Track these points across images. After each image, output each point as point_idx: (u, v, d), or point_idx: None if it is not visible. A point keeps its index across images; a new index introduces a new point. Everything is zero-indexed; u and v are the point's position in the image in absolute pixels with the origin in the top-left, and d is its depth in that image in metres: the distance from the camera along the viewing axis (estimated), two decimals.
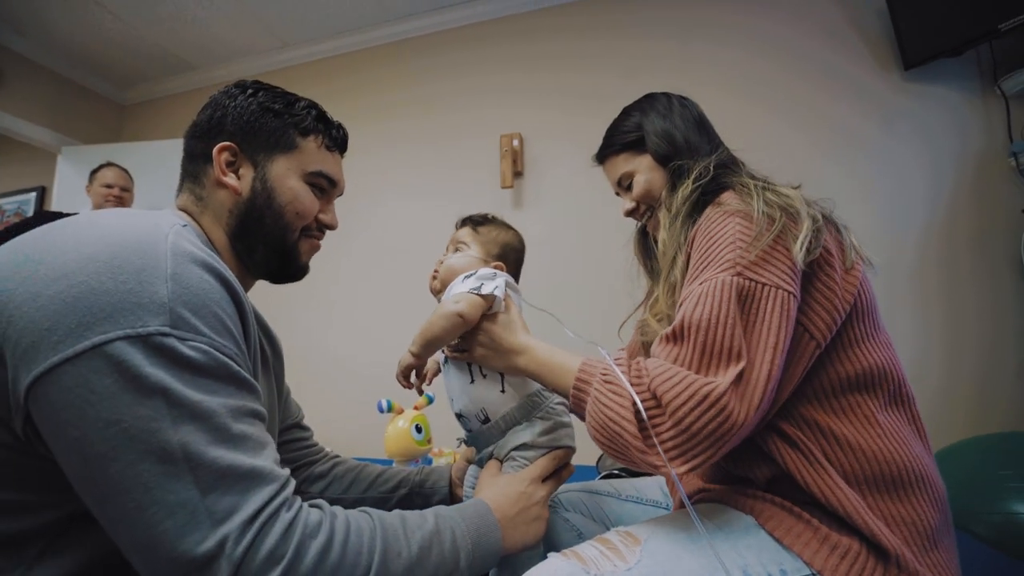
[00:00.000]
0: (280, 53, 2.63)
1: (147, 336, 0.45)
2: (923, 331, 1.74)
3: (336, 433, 2.29)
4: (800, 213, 0.65)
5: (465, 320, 0.75)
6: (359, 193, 2.43)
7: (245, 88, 0.71)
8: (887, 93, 1.84)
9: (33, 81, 2.56)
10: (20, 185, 3.10)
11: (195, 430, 0.45)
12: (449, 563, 0.58)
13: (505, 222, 0.96)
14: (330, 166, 0.74)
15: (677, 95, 0.94)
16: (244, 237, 0.69)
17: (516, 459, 0.77)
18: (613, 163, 0.93)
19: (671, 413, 0.55)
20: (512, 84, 2.27)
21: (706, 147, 0.85)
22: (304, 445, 0.95)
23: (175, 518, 0.42)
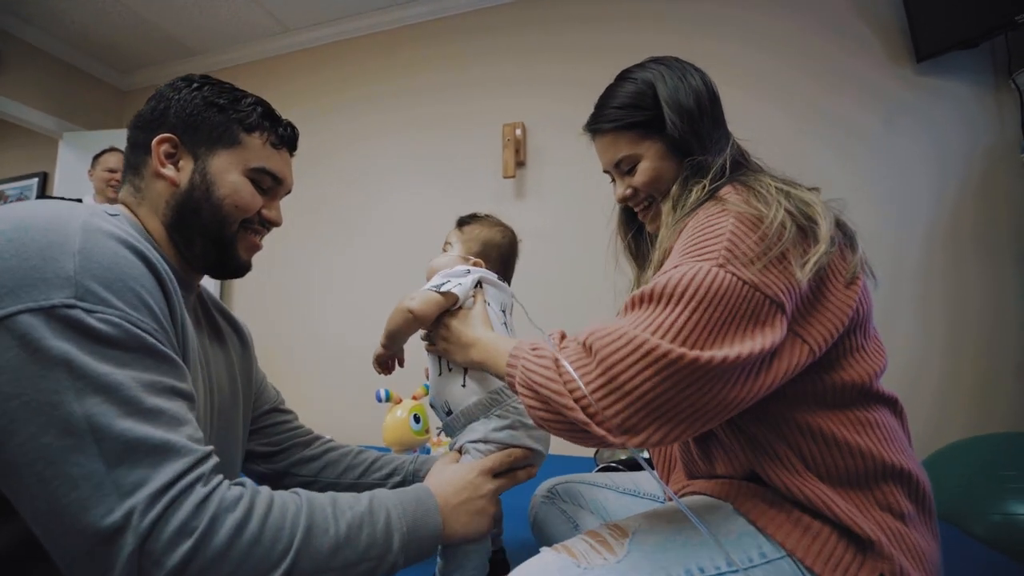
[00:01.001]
0: (282, 38, 2.60)
1: (51, 308, 0.44)
2: (926, 330, 1.72)
3: (334, 422, 2.30)
4: (820, 231, 0.60)
5: (416, 316, 0.78)
6: (361, 181, 2.43)
7: (191, 82, 0.71)
8: (897, 86, 1.80)
9: (35, 66, 2.55)
10: (22, 171, 3.10)
11: (102, 402, 0.44)
12: (381, 544, 0.57)
13: (494, 220, 0.97)
14: (275, 163, 0.73)
15: (691, 65, 0.81)
16: (181, 228, 0.68)
17: (471, 451, 0.79)
18: (614, 141, 0.81)
19: (600, 360, 0.52)
20: (515, 73, 2.25)
21: (721, 138, 0.77)
22: (288, 428, 0.96)
23: (79, 490, 0.42)
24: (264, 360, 0.85)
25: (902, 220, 1.76)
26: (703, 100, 0.77)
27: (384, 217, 2.37)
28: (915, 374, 1.67)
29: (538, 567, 0.57)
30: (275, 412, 0.96)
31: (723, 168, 0.72)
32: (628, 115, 0.78)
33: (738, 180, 0.69)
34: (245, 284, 2.60)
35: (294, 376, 2.44)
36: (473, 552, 0.74)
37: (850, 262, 0.63)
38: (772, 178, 0.70)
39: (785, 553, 0.57)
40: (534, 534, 0.99)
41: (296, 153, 0.80)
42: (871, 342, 0.66)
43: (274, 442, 0.93)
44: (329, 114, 2.52)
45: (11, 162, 3.17)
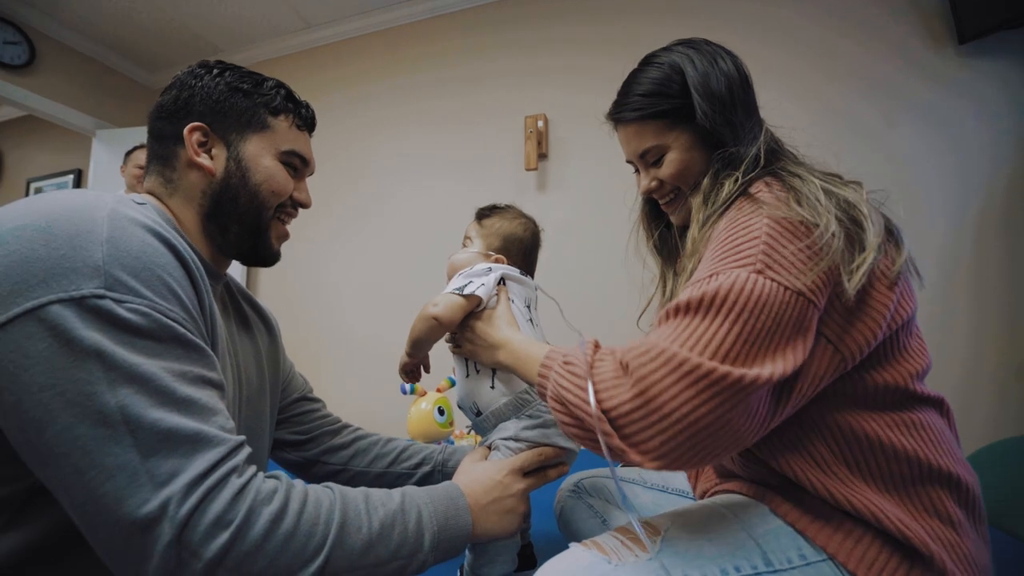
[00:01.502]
0: (305, 34, 2.62)
1: (81, 299, 0.44)
2: (978, 323, 1.64)
3: (359, 413, 2.32)
4: (867, 236, 0.55)
5: (441, 322, 0.76)
6: (383, 172, 2.44)
7: (210, 68, 0.70)
8: (938, 71, 1.72)
9: (69, 66, 2.62)
10: (58, 168, 3.20)
11: (134, 392, 0.44)
12: (412, 542, 0.57)
13: (515, 211, 0.94)
14: (302, 145, 0.74)
15: (722, 47, 0.76)
16: (218, 217, 0.68)
17: (501, 448, 0.78)
18: (638, 131, 0.76)
19: (636, 380, 0.48)
20: (537, 65, 2.22)
21: (754, 127, 0.72)
22: (316, 416, 0.96)
23: (115, 481, 0.42)
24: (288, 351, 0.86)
25: (948, 209, 1.69)
26: (735, 86, 0.72)
27: (406, 209, 2.38)
28: (968, 369, 1.60)
29: (568, 563, 0.55)
30: (304, 400, 0.96)
31: (756, 159, 0.67)
32: (654, 103, 0.73)
33: (774, 174, 0.65)
34: (270, 276, 2.65)
35: (318, 368, 2.47)
36: (502, 547, 0.74)
37: (895, 263, 0.58)
38: (812, 172, 0.64)
39: (827, 556, 0.54)
40: (560, 529, 0.98)
41: (319, 145, 0.81)
42: (914, 341, 0.62)
43: (303, 430, 0.93)
44: (351, 107, 2.54)
45: (47, 159, 3.28)
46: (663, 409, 0.47)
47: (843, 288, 0.53)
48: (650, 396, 0.47)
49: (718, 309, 0.50)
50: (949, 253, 1.68)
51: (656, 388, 0.47)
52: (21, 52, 2.40)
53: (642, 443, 0.48)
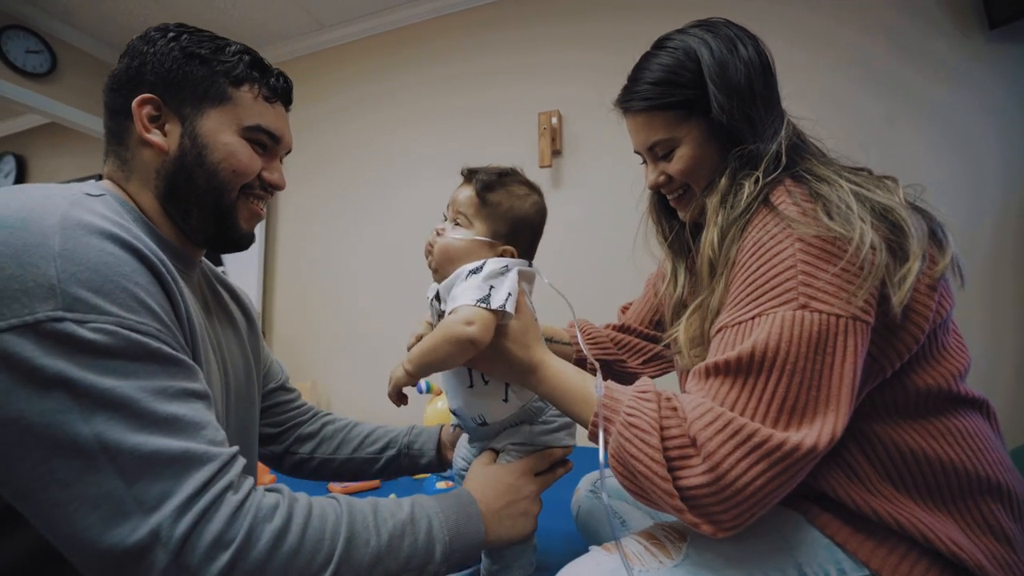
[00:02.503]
0: (319, 35, 2.63)
1: (36, 324, 0.40)
2: (996, 326, 1.58)
3: (374, 411, 2.33)
4: (910, 245, 0.51)
5: (477, 346, 0.63)
6: (397, 170, 2.44)
7: (166, 31, 0.63)
8: (966, 57, 1.66)
9: (88, 73, 2.66)
10: (79, 174, 3.26)
11: (109, 419, 0.41)
12: (423, 554, 0.54)
13: (522, 182, 0.78)
14: (270, 119, 0.65)
15: (743, 30, 0.69)
16: (175, 200, 0.61)
17: (510, 451, 0.74)
18: (647, 122, 0.70)
19: (706, 456, 0.46)
20: (550, 61, 2.20)
21: (775, 122, 0.66)
22: (291, 407, 0.94)
23: (99, 511, 0.40)
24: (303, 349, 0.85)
25: (974, 203, 1.62)
26: (755, 75, 0.66)
27: (420, 206, 2.37)
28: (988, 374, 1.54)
29: (590, 567, 0.54)
30: (281, 391, 0.93)
31: (778, 157, 0.62)
32: (665, 93, 0.68)
33: (797, 177, 0.59)
34: (285, 272, 2.67)
35: (332, 364, 2.48)
36: (519, 551, 0.72)
37: (938, 264, 0.54)
38: (841, 173, 0.58)
39: (869, 572, 0.51)
40: (579, 529, 0.96)
41: (334, 142, 0.76)
42: (952, 338, 0.58)
43: (278, 422, 0.91)
44: (364, 105, 2.54)
45: (69, 166, 3.34)
46: (740, 490, 0.45)
47: (889, 302, 0.50)
48: (727, 480, 0.45)
49: (772, 362, 0.48)
50: (965, 252, 1.61)
51: (733, 472, 0.45)
52: (43, 61, 2.45)
53: (716, 518, 0.47)
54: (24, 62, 2.37)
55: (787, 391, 0.47)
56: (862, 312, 0.49)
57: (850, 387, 0.48)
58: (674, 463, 0.49)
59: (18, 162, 3.53)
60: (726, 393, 0.49)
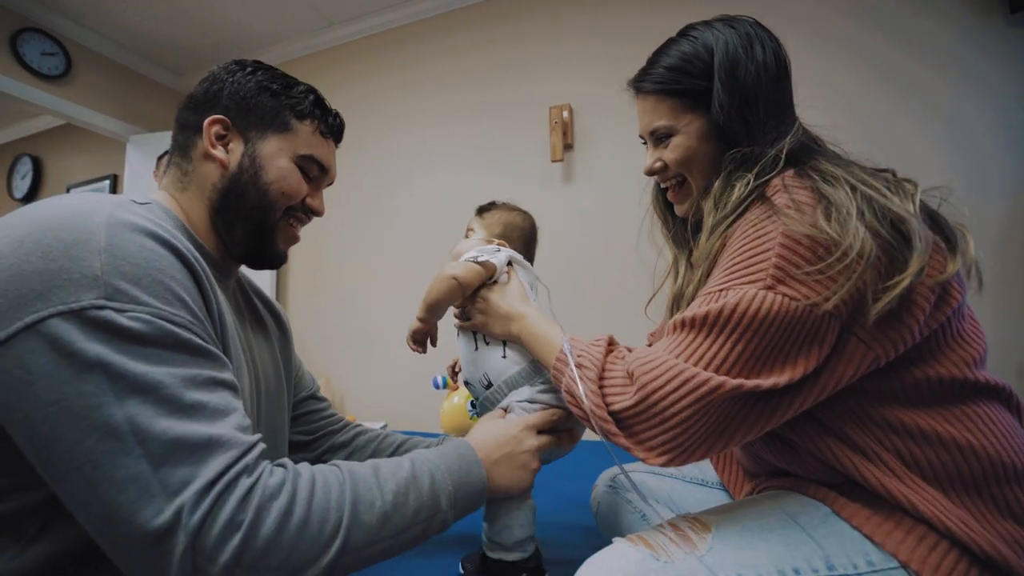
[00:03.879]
0: (328, 32, 2.64)
1: (81, 311, 0.43)
2: (1004, 323, 1.56)
3: (390, 409, 2.35)
4: (910, 257, 0.51)
5: (460, 283, 0.77)
6: (408, 166, 2.45)
7: (245, 66, 0.70)
8: (986, 42, 1.63)
9: (102, 73, 2.69)
10: (94, 174, 3.30)
11: (141, 402, 0.43)
12: (429, 506, 0.57)
13: (512, 205, 0.98)
14: (323, 152, 0.73)
15: (767, 33, 0.70)
16: (225, 212, 0.67)
17: (516, 409, 0.78)
18: (654, 105, 0.73)
19: (640, 388, 0.53)
20: (562, 54, 2.19)
21: (782, 126, 0.66)
22: (322, 416, 0.97)
23: (127, 493, 0.42)
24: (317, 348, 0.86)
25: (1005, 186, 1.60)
26: (765, 80, 0.66)
27: (431, 203, 2.38)
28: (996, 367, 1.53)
29: (615, 558, 0.54)
30: (311, 400, 0.97)
31: (776, 161, 0.62)
32: (675, 79, 0.70)
33: (801, 172, 0.60)
34: (299, 271, 2.69)
35: (347, 363, 2.51)
36: (516, 511, 0.74)
37: (944, 271, 0.54)
38: (854, 173, 0.58)
39: (899, 564, 0.51)
40: (598, 523, 0.97)
41: (343, 141, 0.80)
42: (968, 325, 0.58)
43: (309, 430, 0.94)
44: (373, 101, 2.55)
45: (84, 166, 3.39)
46: (663, 413, 0.51)
47: (867, 306, 0.51)
48: (651, 402, 0.52)
49: (722, 327, 0.52)
50: (1005, 228, 1.59)
51: (656, 395, 0.52)
52: (58, 63, 2.47)
53: (644, 441, 0.53)
54: (40, 64, 2.40)
55: (728, 353, 0.51)
56: (827, 302, 0.51)
57: (803, 362, 0.51)
58: (611, 388, 0.56)
59: (34, 163, 3.58)
60: (680, 343, 0.55)
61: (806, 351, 0.51)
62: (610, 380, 0.58)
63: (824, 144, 0.69)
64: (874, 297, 0.51)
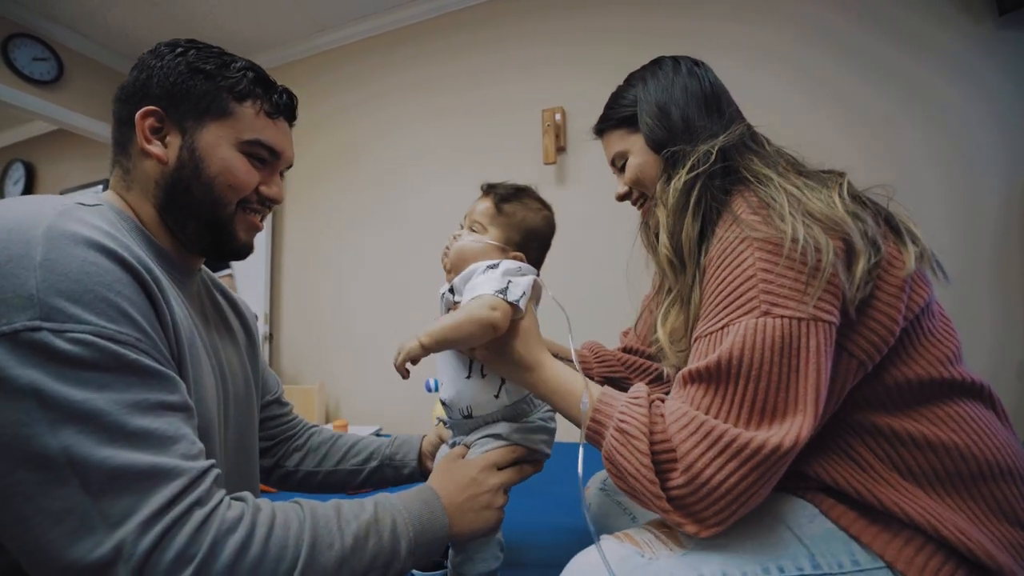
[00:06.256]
0: (320, 36, 2.64)
1: (12, 333, 0.41)
2: (1001, 322, 1.57)
3: (381, 411, 2.34)
4: (854, 243, 0.53)
5: (497, 332, 0.68)
6: (401, 170, 2.44)
7: (175, 47, 0.64)
8: (978, 41, 1.63)
9: (94, 79, 2.68)
10: (87, 180, 3.29)
11: (78, 432, 0.41)
12: (388, 551, 0.55)
13: (536, 199, 0.85)
14: (270, 134, 0.66)
15: (689, 60, 0.78)
16: (172, 211, 0.63)
17: (480, 445, 0.75)
18: (608, 139, 0.82)
19: (682, 458, 0.50)
20: (554, 57, 2.20)
21: (714, 127, 0.70)
22: (283, 421, 0.94)
23: (63, 526, 0.40)
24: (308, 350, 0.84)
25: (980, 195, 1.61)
26: (686, 93, 0.74)
27: (424, 206, 2.38)
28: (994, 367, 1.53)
29: (598, 556, 0.54)
30: (276, 404, 0.94)
31: (708, 156, 0.65)
32: (615, 112, 0.80)
33: (744, 182, 0.63)
34: (292, 274, 2.68)
35: (337, 365, 2.49)
36: (482, 544, 0.72)
37: (903, 265, 0.56)
38: (780, 172, 0.62)
39: (884, 564, 0.51)
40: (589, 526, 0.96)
41: (335, 144, 0.78)
42: (938, 322, 0.58)
43: (270, 436, 0.91)
44: (365, 106, 2.55)
45: (77, 171, 3.37)
46: (715, 488, 0.49)
47: (849, 295, 0.52)
48: (701, 480, 0.49)
49: (739, 368, 0.51)
50: (971, 246, 1.59)
51: (706, 472, 0.49)
52: (50, 68, 2.47)
53: (698, 517, 0.50)
54: (31, 70, 2.39)
55: (755, 394, 0.50)
56: (823, 312, 0.51)
57: (815, 386, 0.50)
58: (661, 467, 0.52)
59: (27, 169, 3.57)
60: (701, 398, 0.52)
61: (821, 368, 0.50)
62: (661, 453, 0.52)
63: (765, 144, 0.72)
64: (848, 282, 0.52)
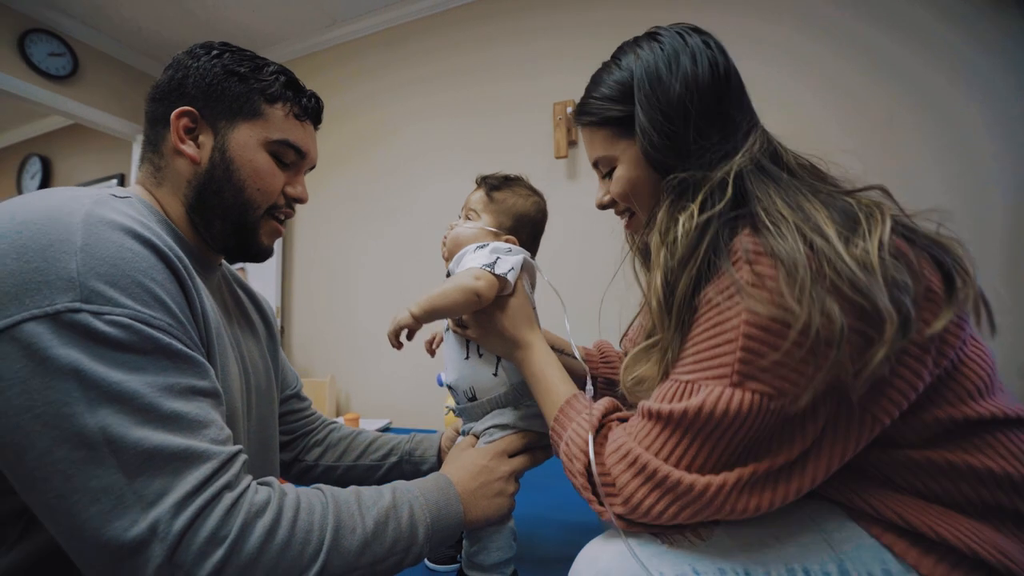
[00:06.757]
0: (331, 30, 2.64)
1: (55, 314, 0.42)
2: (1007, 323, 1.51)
3: (393, 405, 2.35)
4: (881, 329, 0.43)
5: (481, 299, 0.72)
6: (411, 162, 2.44)
7: (211, 49, 0.66)
8: (997, 35, 1.59)
9: (108, 74, 2.70)
10: (102, 173, 3.33)
11: (115, 412, 0.42)
12: (407, 537, 0.57)
13: (526, 186, 0.88)
14: (298, 135, 0.69)
15: (696, 35, 0.63)
16: (202, 210, 0.65)
17: (489, 434, 0.77)
18: (591, 137, 0.70)
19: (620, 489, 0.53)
20: (566, 50, 2.17)
21: (728, 139, 0.59)
22: (302, 416, 0.96)
23: (100, 504, 0.41)
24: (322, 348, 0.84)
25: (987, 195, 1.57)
26: (696, 94, 0.59)
27: (434, 200, 2.38)
28: None
29: (618, 540, 0.54)
30: (295, 399, 0.95)
31: (723, 185, 0.55)
32: (602, 108, 0.66)
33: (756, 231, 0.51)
34: (303, 270, 2.69)
35: (349, 360, 2.51)
36: (495, 533, 0.73)
37: (936, 322, 0.46)
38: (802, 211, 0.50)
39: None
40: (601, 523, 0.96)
41: (346, 139, 0.78)
42: (969, 349, 0.53)
43: (290, 430, 0.93)
44: (375, 99, 2.54)
45: (91, 165, 3.41)
46: (657, 517, 0.51)
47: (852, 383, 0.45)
48: (641, 511, 0.52)
49: (692, 429, 0.50)
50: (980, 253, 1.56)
51: (644, 504, 0.51)
52: (66, 63, 2.49)
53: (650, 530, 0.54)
54: (47, 65, 2.41)
55: (710, 452, 0.49)
56: (804, 395, 0.46)
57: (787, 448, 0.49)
58: (605, 491, 0.54)
59: (43, 163, 3.61)
60: (654, 438, 0.52)
61: (788, 438, 0.48)
62: (603, 482, 0.55)
63: (785, 156, 0.61)
64: (855, 372, 0.44)
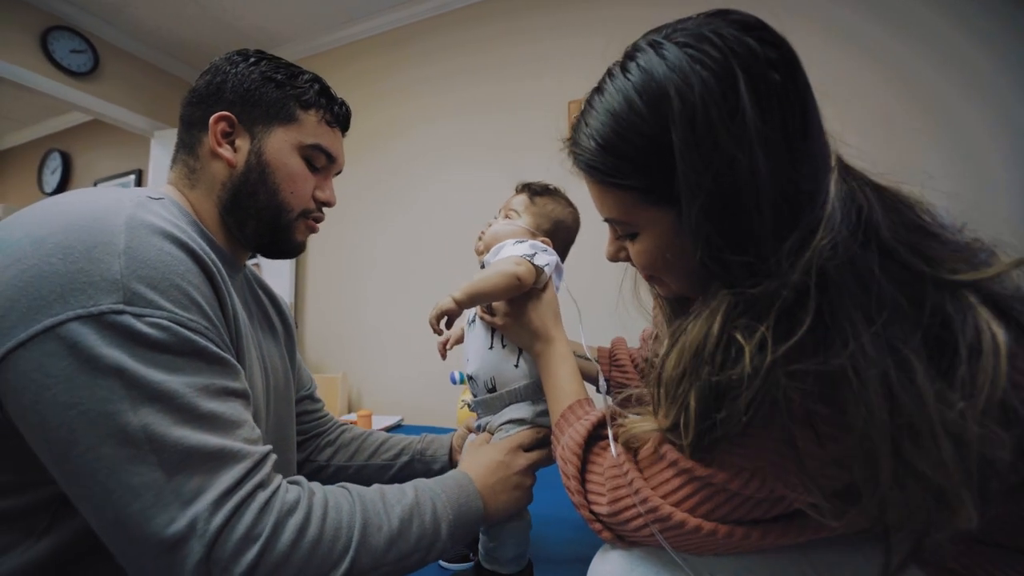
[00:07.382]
0: (347, 28, 2.65)
1: (100, 315, 0.43)
2: None
3: (405, 403, 2.37)
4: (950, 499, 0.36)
5: (521, 284, 0.74)
6: (424, 161, 2.45)
7: (248, 56, 0.69)
8: (1011, 37, 1.56)
9: (128, 71, 2.74)
10: (120, 169, 3.37)
11: (156, 411, 0.44)
12: (431, 533, 0.58)
13: (564, 197, 0.92)
14: (329, 141, 0.72)
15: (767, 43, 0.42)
16: (236, 211, 0.67)
17: (505, 429, 0.78)
18: (598, 193, 0.53)
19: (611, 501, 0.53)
20: (581, 48, 2.17)
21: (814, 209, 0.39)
22: (315, 417, 0.97)
23: (141, 500, 0.42)
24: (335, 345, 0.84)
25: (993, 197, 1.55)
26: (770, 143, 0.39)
27: (449, 198, 2.39)
28: None
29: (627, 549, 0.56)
30: (309, 400, 0.97)
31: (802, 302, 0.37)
32: (615, 169, 0.46)
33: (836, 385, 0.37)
34: (315, 265, 2.72)
35: (362, 357, 2.53)
36: (513, 528, 0.75)
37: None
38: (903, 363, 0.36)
39: None
40: None
41: (357, 137, 0.80)
42: None
43: (303, 431, 0.94)
44: (390, 98, 2.55)
45: (110, 160, 3.46)
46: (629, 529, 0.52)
47: None
48: (620, 519, 0.53)
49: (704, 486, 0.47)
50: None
51: (623, 514, 0.52)
52: (86, 60, 2.53)
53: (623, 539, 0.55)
54: (69, 62, 2.45)
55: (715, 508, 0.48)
56: None
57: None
58: (593, 488, 0.56)
59: (63, 158, 3.67)
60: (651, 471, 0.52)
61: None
62: (594, 478, 0.57)
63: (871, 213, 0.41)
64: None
